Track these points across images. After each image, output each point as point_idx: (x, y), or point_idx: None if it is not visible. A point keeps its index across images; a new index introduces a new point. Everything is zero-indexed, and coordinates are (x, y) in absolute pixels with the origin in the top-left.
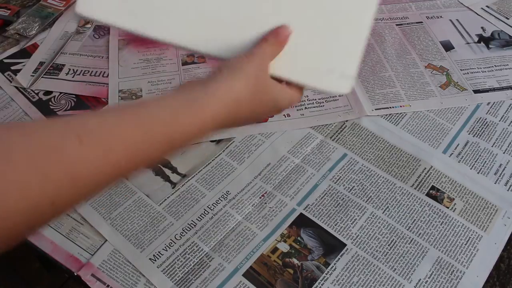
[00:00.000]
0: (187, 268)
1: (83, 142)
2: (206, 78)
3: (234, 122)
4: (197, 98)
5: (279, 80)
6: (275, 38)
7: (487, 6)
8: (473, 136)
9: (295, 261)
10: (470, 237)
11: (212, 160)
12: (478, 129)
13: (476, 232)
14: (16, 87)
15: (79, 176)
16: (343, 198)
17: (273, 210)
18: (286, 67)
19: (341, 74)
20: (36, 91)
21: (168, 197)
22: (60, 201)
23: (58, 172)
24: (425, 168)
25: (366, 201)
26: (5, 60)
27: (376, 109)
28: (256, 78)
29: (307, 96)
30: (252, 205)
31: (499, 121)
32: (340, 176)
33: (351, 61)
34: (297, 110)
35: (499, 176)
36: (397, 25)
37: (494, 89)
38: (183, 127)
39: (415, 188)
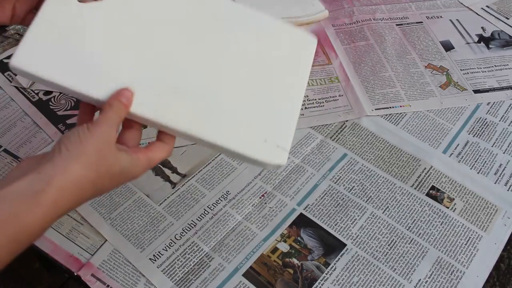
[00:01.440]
0: (187, 268)
1: None
2: (44, 158)
3: (79, 203)
4: (35, 191)
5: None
6: (118, 101)
7: (487, 6)
8: (473, 136)
9: (295, 261)
10: (470, 237)
11: (212, 160)
12: (478, 129)
13: (476, 232)
14: (16, 87)
15: None
16: (343, 198)
17: (273, 210)
18: (216, 133)
19: (275, 144)
20: (36, 91)
21: (168, 197)
22: None
23: None
24: (425, 168)
25: (366, 201)
26: (5, 60)
27: (376, 109)
28: (98, 154)
29: (307, 96)
30: (252, 205)
31: (499, 121)
32: (340, 176)
33: (286, 135)
34: None
35: (499, 176)
36: (397, 25)
37: (494, 89)
38: (26, 225)
39: (415, 188)
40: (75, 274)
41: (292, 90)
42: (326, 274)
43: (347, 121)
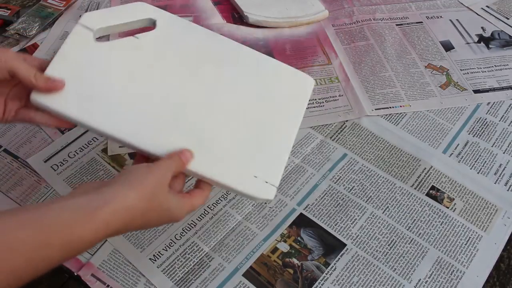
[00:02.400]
0: (187, 268)
1: None
2: (105, 184)
3: (127, 230)
4: (93, 207)
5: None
6: (178, 157)
7: (487, 6)
8: (473, 136)
9: (295, 261)
10: (470, 237)
11: None
12: (478, 129)
13: (476, 232)
14: None
15: None
16: (343, 198)
17: (273, 210)
18: (209, 167)
19: (264, 180)
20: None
21: None
22: None
23: None
24: (425, 168)
25: (366, 201)
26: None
27: (376, 109)
28: (153, 192)
29: None
30: (252, 205)
31: (499, 121)
32: (340, 176)
33: (276, 172)
34: None
35: (499, 176)
36: (397, 25)
37: (494, 89)
38: (79, 234)
39: (415, 188)
40: (75, 274)
41: (285, 129)
42: (326, 274)
43: (347, 121)
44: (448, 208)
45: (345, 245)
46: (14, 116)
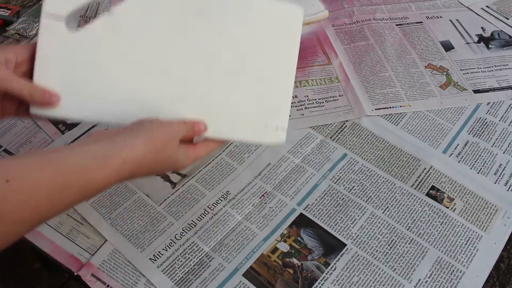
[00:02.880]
0: (187, 268)
1: (9, 182)
2: (117, 133)
3: (135, 177)
4: (105, 155)
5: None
6: (192, 126)
7: (487, 6)
8: (473, 136)
9: (295, 261)
10: (470, 237)
11: (212, 160)
12: (478, 129)
13: (476, 232)
14: None
15: (4, 210)
16: (343, 198)
17: (273, 210)
18: (220, 129)
19: (275, 127)
20: None
21: (168, 197)
22: None
23: None
24: (425, 168)
25: (366, 201)
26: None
27: (376, 109)
28: (162, 144)
29: (307, 96)
30: (252, 205)
31: (499, 121)
32: (340, 176)
33: (283, 115)
34: (297, 110)
35: (499, 176)
36: (397, 25)
37: (494, 89)
38: (93, 178)
39: (415, 188)
40: (75, 274)
41: (283, 69)
42: (326, 274)
43: (347, 121)
44: (448, 208)
45: (345, 245)
46: (14, 114)
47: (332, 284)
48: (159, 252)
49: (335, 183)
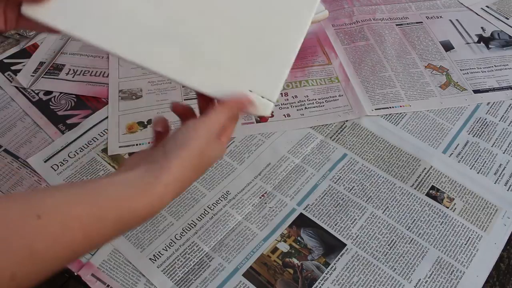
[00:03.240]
0: (187, 268)
1: (41, 218)
2: (152, 157)
3: (180, 193)
4: (146, 182)
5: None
6: (235, 105)
7: (487, 6)
8: (473, 136)
9: (295, 261)
10: (470, 237)
11: None
12: (478, 129)
13: (476, 232)
14: (16, 87)
15: (37, 249)
16: (343, 198)
17: (273, 210)
18: (200, 80)
19: (261, 95)
20: (36, 91)
21: None
22: (19, 274)
23: (17, 243)
24: (425, 168)
25: (366, 201)
26: (5, 60)
27: (376, 109)
28: (200, 154)
29: (307, 96)
30: (252, 205)
31: (499, 121)
32: (340, 176)
33: (273, 86)
34: (297, 110)
35: (499, 176)
36: (397, 25)
37: (494, 89)
38: (134, 209)
39: (415, 188)
40: (75, 274)
41: (289, 37)
42: (326, 274)
43: (347, 121)
44: (448, 208)
45: (345, 245)
46: (16, 24)
47: (332, 284)
48: (159, 252)
49: (335, 183)
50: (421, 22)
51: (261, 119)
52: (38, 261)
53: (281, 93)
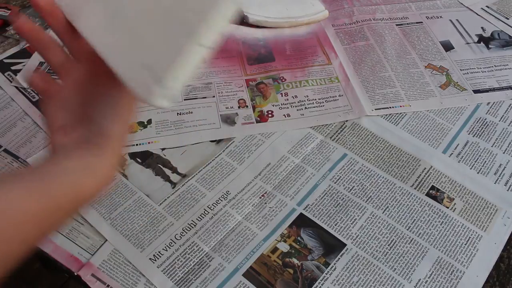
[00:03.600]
0: (187, 268)
1: None
2: (85, 136)
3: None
4: (94, 168)
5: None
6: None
7: (487, 6)
8: (473, 136)
9: (295, 261)
10: (470, 237)
11: (212, 160)
12: (478, 129)
13: (476, 232)
14: (16, 87)
15: None
16: (343, 198)
17: (273, 210)
18: (105, 42)
19: (157, 78)
20: (36, 91)
21: (168, 197)
22: None
23: None
24: (425, 168)
25: (366, 201)
26: (5, 60)
27: (376, 109)
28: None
29: (307, 96)
30: (252, 205)
31: (499, 121)
32: (340, 176)
33: (176, 68)
34: (297, 110)
35: (499, 176)
36: (397, 25)
37: (494, 89)
38: (87, 194)
39: (415, 188)
40: (75, 274)
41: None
42: (326, 274)
43: (347, 121)
44: (448, 208)
45: (345, 245)
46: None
47: (332, 284)
48: (159, 252)
49: (335, 183)
50: (421, 22)
51: (261, 119)
52: None
53: (281, 93)
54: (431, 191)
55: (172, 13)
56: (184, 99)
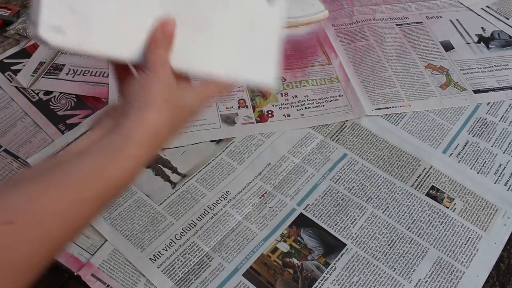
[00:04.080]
0: (187, 268)
1: (12, 223)
2: (117, 113)
3: (160, 147)
4: (116, 146)
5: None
6: (163, 34)
7: (487, 6)
8: (473, 136)
9: (295, 261)
10: (470, 237)
11: (212, 160)
12: (478, 129)
13: (476, 232)
14: (16, 87)
15: (15, 260)
16: (343, 198)
17: (273, 210)
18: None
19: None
20: (36, 91)
21: (168, 197)
22: None
23: None
24: (425, 168)
25: (366, 201)
26: (5, 60)
27: (376, 109)
28: (166, 98)
29: (307, 96)
30: (252, 205)
31: (499, 121)
32: (340, 176)
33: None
34: (297, 110)
35: (499, 176)
36: (397, 25)
37: (494, 89)
38: (110, 180)
39: (415, 188)
40: (75, 274)
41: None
42: (326, 274)
43: (347, 121)
44: (448, 208)
45: (345, 245)
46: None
47: (332, 284)
48: (159, 252)
49: (335, 183)
50: (421, 22)
51: (261, 119)
52: (17, 274)
53: (281, 93)
54: (431, 191)
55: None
56: None
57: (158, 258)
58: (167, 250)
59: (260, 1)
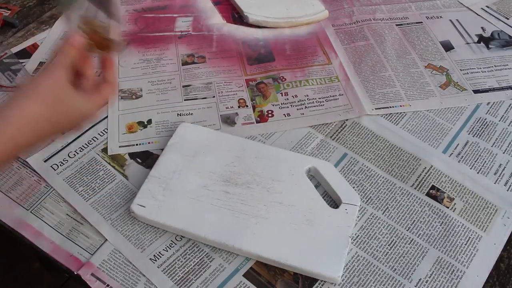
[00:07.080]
0: (187, 268)
1: None
2: (4, 103)
3: (39, 139)
4: None
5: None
6: (67, 45)
7: (487, 6)
8: (473, 136)
9: None
10: (470, 237)
11: None
12: (478, 129)
13: (476, 232)
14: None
15: None
16: None
17: None
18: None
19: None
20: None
21: None
22: None
23: None
24: (425, 168)
25: (366, 202)
26: (5, 60)
27: (376, 109)
28: (53, 94)
29: (307, 95)
30: None
31: (499, 121)
32: None
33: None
34: (297, 109)
35: (499, 176)
36: (397, 25)
37: (494, 89)
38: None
39: (415, 188)
40: (75, 273)
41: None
42: None
43: (347, 120)
44: (448, 208)
45: None
46: None
47: (332, 284)
48: (159, 252)
49: None
50: (421, 22)
51: (261, 119)
52: None
53: (281, 93)
54: (431, 190)
55: None
56: (184, 100)
57: (158, 258)
58: (167, 251)
59: None
